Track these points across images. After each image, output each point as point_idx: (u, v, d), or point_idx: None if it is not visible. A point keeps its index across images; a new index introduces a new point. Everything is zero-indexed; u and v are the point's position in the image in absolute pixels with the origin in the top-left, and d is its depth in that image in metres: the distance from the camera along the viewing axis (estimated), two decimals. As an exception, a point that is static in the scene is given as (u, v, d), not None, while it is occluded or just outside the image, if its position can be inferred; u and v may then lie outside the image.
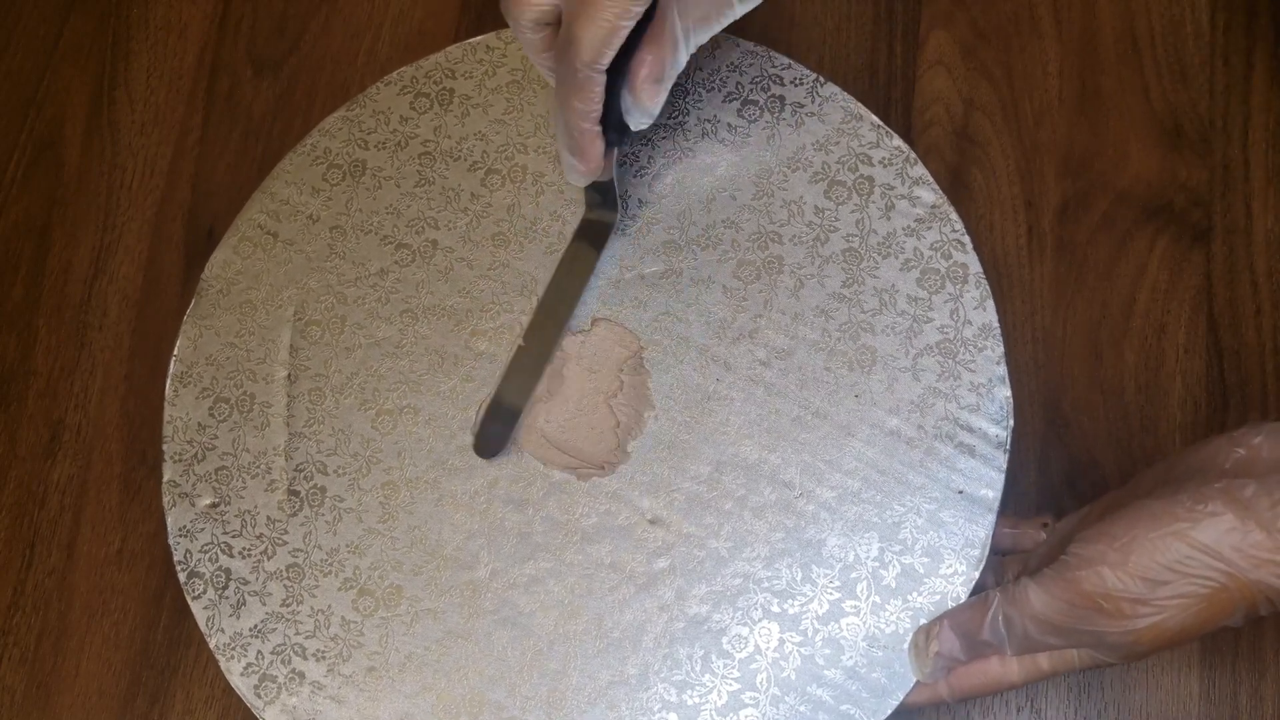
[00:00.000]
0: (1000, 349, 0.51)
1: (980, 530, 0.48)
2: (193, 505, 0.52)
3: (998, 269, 0.54)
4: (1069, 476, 0.53)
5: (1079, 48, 0.58)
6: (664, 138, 0.55)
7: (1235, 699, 0.49)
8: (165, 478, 0.52)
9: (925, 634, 0.47)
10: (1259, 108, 0.56)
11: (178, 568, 0.51)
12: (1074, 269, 0.55)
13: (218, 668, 0.52)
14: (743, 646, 0.48)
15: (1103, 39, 0.58)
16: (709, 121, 0.55)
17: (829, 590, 0.48)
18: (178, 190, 0.60)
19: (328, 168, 0.56)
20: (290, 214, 0.55)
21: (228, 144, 0.61)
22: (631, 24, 0.45)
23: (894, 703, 0.47)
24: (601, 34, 0.45)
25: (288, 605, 0.50)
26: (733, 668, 0.48)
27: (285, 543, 0.51)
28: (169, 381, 0.54)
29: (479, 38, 0.57)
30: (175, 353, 0.54)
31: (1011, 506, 0.51)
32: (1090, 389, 0.53)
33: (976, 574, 0.48)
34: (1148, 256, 0.55)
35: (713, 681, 0.48)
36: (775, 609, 0.48)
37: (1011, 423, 0.50)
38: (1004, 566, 0.49)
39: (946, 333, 0.51)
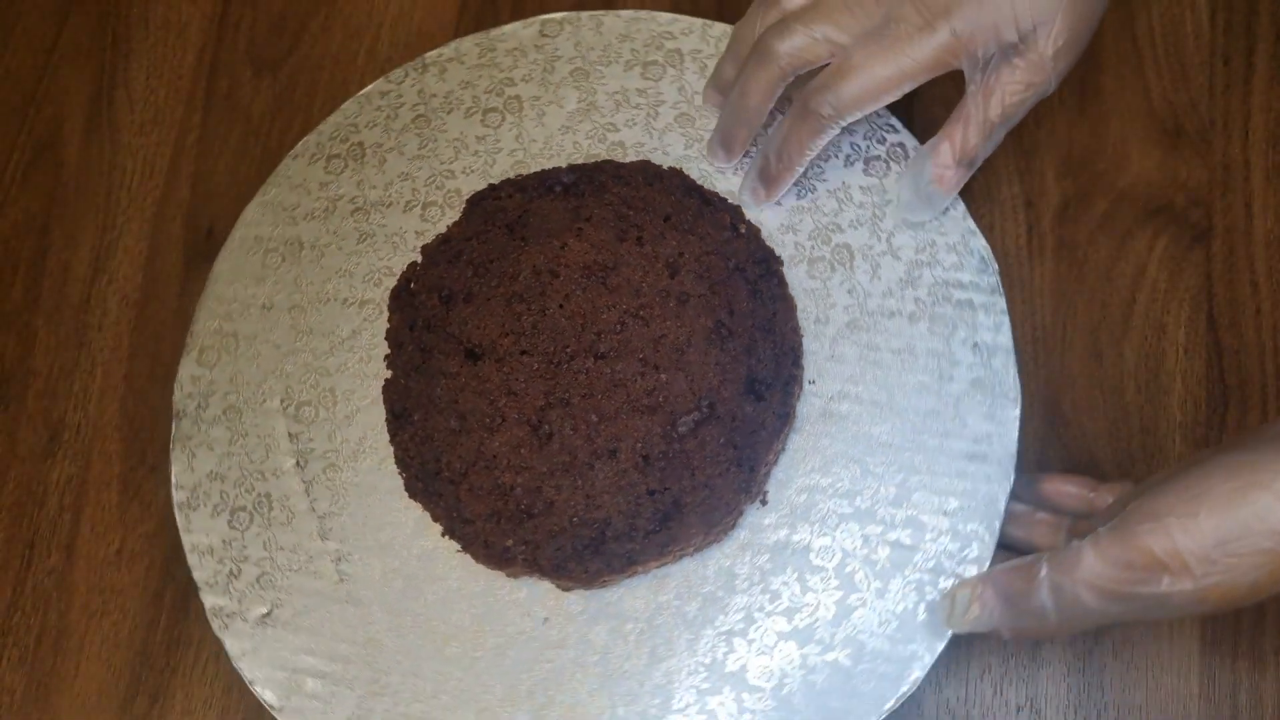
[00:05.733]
0: (962, 205, 0.51)
1: (1008, 364, 0.49)
2: (245, 620, 0.50)
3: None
4: (1069, 476, 0.53)
5: (1079, 47, 0.58)
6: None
7: (1235, 699, 0.49)
8: (207, 605, 0.50)
9: (968, 590, 0.45)
10: (1259, 107, 0.56)
11: (250, 685, 0.49)
12: (1074, 269, 0.55)
13: (217, 668, 0.52)
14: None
15: (1103, 38, 0.58)
16: (618, 93, 0.55)
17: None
18: (177, 190, 0.60)
19: (264, 254, 0.55)
20: (241, 310, 0.54)
21: (227, 144, 0.61)
22: (907, 88, 0.47)
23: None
24: (869, 92, 0.47)
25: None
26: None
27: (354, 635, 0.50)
28: (176, 512, 0.52)
29: (369, 87, 0.57)
30: (173, 481, 0.52)
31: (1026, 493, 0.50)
32: (1090, 389, 0.53)
33: (1016, 411, 0.49)
34: (1147, 256, 0.55)
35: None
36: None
37: (996, 266, 0.51)
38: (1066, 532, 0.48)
39: None
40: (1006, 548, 0.49)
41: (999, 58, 0.46)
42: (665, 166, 0.54)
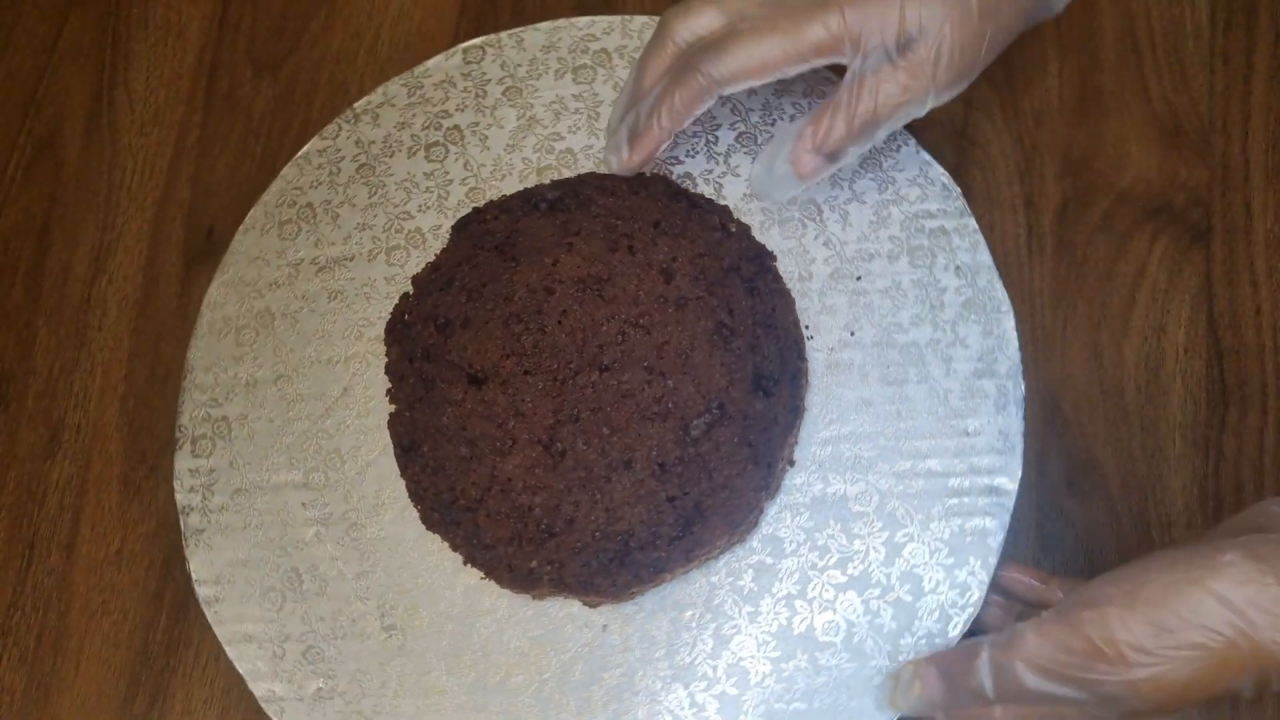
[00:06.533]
0: (913, 140, 0.53)
1: (993, 280, 0.51)
2: (301, 700, 0.49)
3: (997, 269, 0.54)
4: (1069, 476, 0.53)
5: (1079, 48, 0.58)
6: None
7: (1235, 699, 0.49)
8: (258, 694, 0.49)
9: (911, 669, 0.45)
10: (1259, 107, 0.56)
11: None
12: (1074, 269, 0.55)
13: (217, 668, 0.52)
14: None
15: (1103, 39, 0.58)
16: (555, 103, 0.55)
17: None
18: (177, 190, 0.60)
19: (236, 332, 0.54)
20: (225, 394, 0.53)
21: (227, 144, 0.61)
22: (793, 69, 0.46)
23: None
24: (753, 61, 0.46)
25: None
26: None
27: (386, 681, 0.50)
28: (204, 608, 0.51)
29: (305, 148, 0.56)
30: (194, 576, 0.51)
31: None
32: (1090, 389, 0.53)
33: (1011, 321, 0.50)
34: (1147, 256, 0.55)
35: None
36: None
37: (959, 189, 0.52)
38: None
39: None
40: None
41: (883, 57, 0.45)
42: (649, 173, 0.53)
